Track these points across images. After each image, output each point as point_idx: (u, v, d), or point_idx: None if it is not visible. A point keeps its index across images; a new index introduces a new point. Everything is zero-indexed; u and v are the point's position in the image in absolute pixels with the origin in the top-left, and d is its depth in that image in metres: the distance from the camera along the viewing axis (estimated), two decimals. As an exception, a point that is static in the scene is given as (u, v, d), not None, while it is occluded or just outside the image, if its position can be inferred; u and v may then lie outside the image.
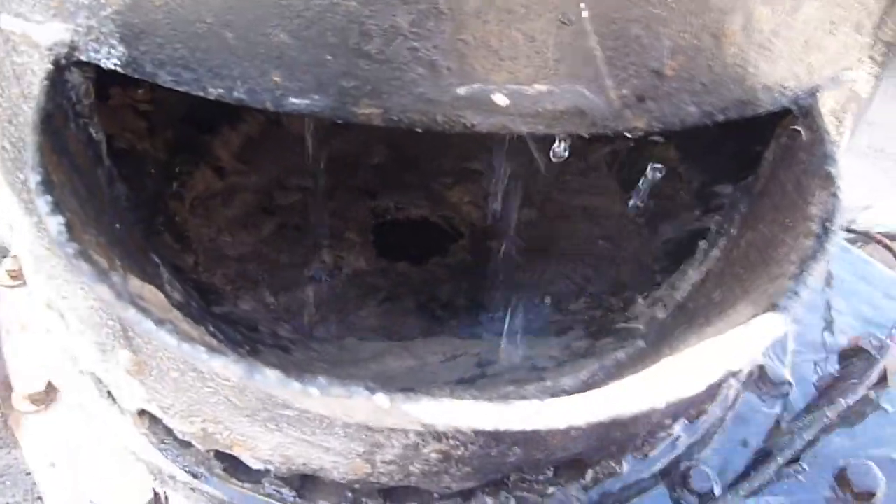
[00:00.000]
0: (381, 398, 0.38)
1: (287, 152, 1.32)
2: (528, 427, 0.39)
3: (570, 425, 0.40)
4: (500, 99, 0.55)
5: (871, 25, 0.66)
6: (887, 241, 1.32)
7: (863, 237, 1.49)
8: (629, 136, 0.57)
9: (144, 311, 0.42)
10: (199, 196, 1.19)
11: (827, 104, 0.70)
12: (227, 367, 0.40)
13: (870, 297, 1.38)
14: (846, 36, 0.65)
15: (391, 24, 0.51)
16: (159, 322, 0.41)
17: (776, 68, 0.61)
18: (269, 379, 0.39)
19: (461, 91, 0.54)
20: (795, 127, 0.65)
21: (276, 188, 1.30)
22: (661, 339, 0.70)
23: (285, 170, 1.32)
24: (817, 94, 0.66)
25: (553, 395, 0.65)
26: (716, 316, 0.58)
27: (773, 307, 0.47)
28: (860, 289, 1.41)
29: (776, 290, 0.50)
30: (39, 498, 1.42)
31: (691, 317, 0.68)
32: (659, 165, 0.73)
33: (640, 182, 0.92)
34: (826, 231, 0.52)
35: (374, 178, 1.38)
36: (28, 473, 1.65)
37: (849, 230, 1.56)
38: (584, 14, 0.52)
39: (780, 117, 0.68)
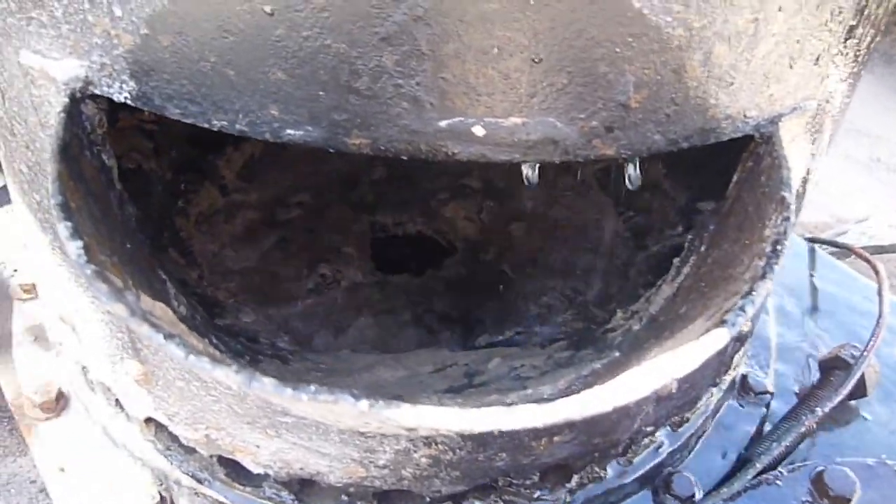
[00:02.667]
0: (363, 404, 0.43)
1: (287, 170, 1.38)
2: (489, 429, 0.43)
3: (524, 427, 0.44)
4: (479, 130, 0.60)
5: (835, 47, 0.71)
6: (867, 255, 1.37)
7: (844, 250, 1.53)
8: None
9: (156, 326, 0.47)
10: (203, 213, 1.24)
11: (802, 120, 0.75)
12: (228, 377, 0.45)
13: (851, 310, 1.43)
14: (805, 68, 0.70)
15: (377, 64, 0.56)
16: (169, 336, 0.46)
17: (737, 99, 0.66)
18: (266, 386, 0.44)
19: (443, 123, 0.59)
20: (758, 152, 0.70)
21: (277, 205, 1.35)
22: (634, 350, 0.75)
23: (286, 187, 1.37)
24: (779, 122, 0.71)
25: (535, 402, 0.70)
26: (678, 329, 0.62)
27: (722, 323, 0.51)
28: (843, 301, 1.46)
29: (729, 306, 0.54)
30: (44, 506, 1.47)
31: (660, 329, 0.72)
32: (633, 172, 0.77)
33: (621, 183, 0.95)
34: (776, 252, 0.57)
35: (372, 194, 1.43)
36: (33, 481, 1.70)
37: (831, 243, 1.60)
38: (554, 53, 0.57)
39: (745, 143, 0.73)
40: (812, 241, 1.59)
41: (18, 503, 1.64)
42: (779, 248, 0.57)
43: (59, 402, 1.10)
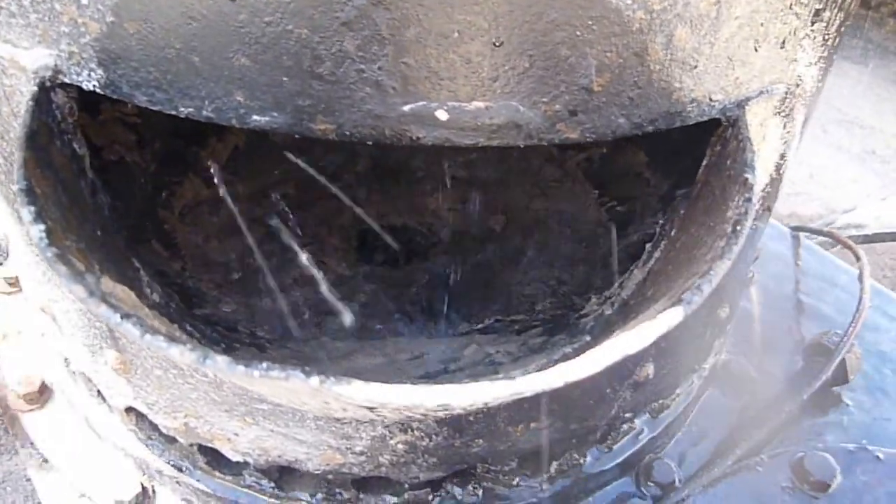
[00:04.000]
0: (314, 380, 0.44)
1: (272, 162, 1.38)
2: (436, 403, 0.44)
3: (475, 403, 0.45)
4: (442, 115, 0.60)
5: (802, 30, 0.71)
6: (849, 242, 1.37)
7: (829, 240, 1.54)
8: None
9: (113, 307, 0.47)
10: (187, 205, 1.25)
11: (770, 103, 0.75)
12: (182, 354, 0.46)
13: (835, 297, 1.43)
14: (771, 51, 0.71)
15: (339, 49, 0.57)
16: (126, 316, 0.47)
17: (702, 83, 0.67)
18: (219, 364, 0.45)
19: (406, 108, 0.60)
20: (724, 136, 0.71)
21: (262, 196, 1.35)
22: (603, 334, 0.75)
23: (271, 179, 1.37)
24: (745, 105, 0.71)
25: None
26: (643, 311, 0.63)
27: (679, 301, 0.52)
28: (826, 289, 1.46)
29: (688, 286, 0.55)
30: (40, 503, 1.47)
31: (629, 313, 0.73)
32: None
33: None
34: (735, 233, 0.57)
35: (356, 185, 1.43)
36: (28, 479, 1.70)
37: (815, 231, 1.60)
38: (514, 37, 0.57)
39: (713, 127, 0.74)
40: (796, 229, 1.59)
41: (14, 500, 1.64)
42: (738, 228, 0.57)
43: (43, 394, 1.11)
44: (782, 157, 0.89)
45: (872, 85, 4.74)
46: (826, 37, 0.77)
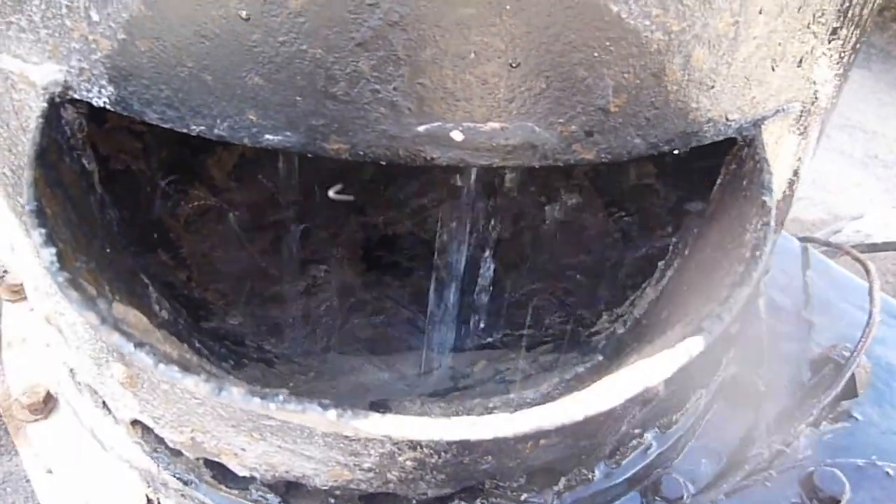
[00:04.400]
0: (331, 413, 0.43)
1: (278, 171, 1.37)
2: (458, 438, 0.43)
3: (495, 436, 0.44)
4: (457, 135, 0.60)
5: (819, 48, 0.70)
6: (858, 255, 1.36)
7: (835, 250, 1.53)
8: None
9: (126, 334, 0.47)
10: (193, 213, 1.24)
11: (786, 121, 0.74)
12: (197, 386, 0.45)
13: (844, 310, 1.42)
14: (788, 70, 0.70)
15: (354, 69, 0.56)
16: (139, 345, 0.46)
17: (718, 103, 0.66)
18: (234, 396, 0.44)
19: (421, 129, 0.59)
20: (740, 155, 0.70)
21: (268, 205, 1.35)
22: (617, 354, 0.74)
23: (277, 188, 1.37)
24: (762, 125, 0.71)
25: (517, 406, 0.70)
26: (659, 334, 0.62)
27: (699, 331, 0.51)
28: (835, 301, 1.45)
29: (707, 311, 0.54)
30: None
31: (643, 333, 0.72)
32: None
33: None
34: (755, 258, 0.56)
35: (362, 195, 1.42)
36: (28, 480, 1.70)
37: (824, 243, 1.60)
38: (531, 58, 0.57)
39: (728, 146, 0.73)
40: (805, 240, 1.58)
41: (14, 501, 1.64)
42: (758, 253, 0.57)
43: (48, 404, 1.10)
44: (795, 173, 0.88)
45: (875, 90, 4.73)
46: (842, 54, 0.76)
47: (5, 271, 1.31)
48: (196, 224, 1.25)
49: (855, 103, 4.37)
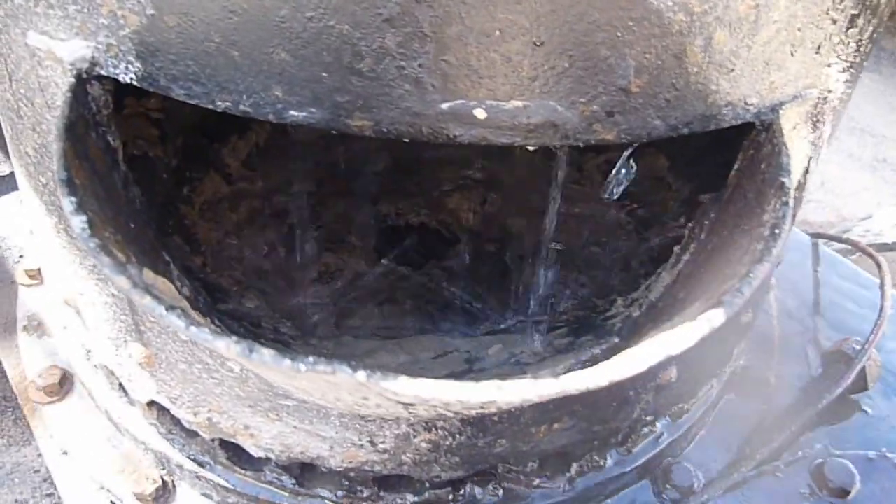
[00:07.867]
0: (360, 374, 0.44)
1: (292, 159, 1.38)
2: (485, 400, 0.44)
3: (523, 400, 0.45)
4: (480, 113, 0.60)
5: (836, 36, 0.71)
6: (870, 250, 1.37)
7: (850, 247, 1.53)
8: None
9: (158, 298, 0.47)
10: (207, 200, 1.25)
11: (803, 108, 0.75)
12: (229, 347, 0.46)
13: (854, 305, 1.43)
14: (806, 56, 0.70)
15: (380, 46, 0.57)
16: (170, 308, 0.47)
17: (738, 86, 0.66)
18: (265, 357, 0.45)
19: (445, 106, 0.60)
20: (758, 140, 0.70)
21: (282, 194, 1.36)
22: (632, 335, 0.75)
23: (291, 176, 1.38)
24: (780, 110, 0.71)
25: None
26: (677, 314, 0.63)
27: (720, 303, 0.52)
28: (846, 296, 1.46)
29: (727, 288, 0.55)
30: (48, 495, 1.48)
31: (659, 315, 0.73)
32: (628, 159, 0.77)
33: (613, 172, 0.96)
34: (774, 236, 0.57)
35: (375, 184, 1.43)
36: (36, 471, 1.71)
37: (835, 239, 1.60)
38: (555, 37, 0.57)
39: (746, 130, 0.73)
40: (815, 236, 1.59)
41: (22, 492, 1.65)
42: (777, 231, 0.57)
43: (63, 386, 1.11)
44: (810, 162, 0.89)
45: (885, 93, 4.72)
46: (859, 43, 0.76)
47: (21, 256, 1.32)
48: (210, 212, 1.26)
49: (864, 106, 4.36)
